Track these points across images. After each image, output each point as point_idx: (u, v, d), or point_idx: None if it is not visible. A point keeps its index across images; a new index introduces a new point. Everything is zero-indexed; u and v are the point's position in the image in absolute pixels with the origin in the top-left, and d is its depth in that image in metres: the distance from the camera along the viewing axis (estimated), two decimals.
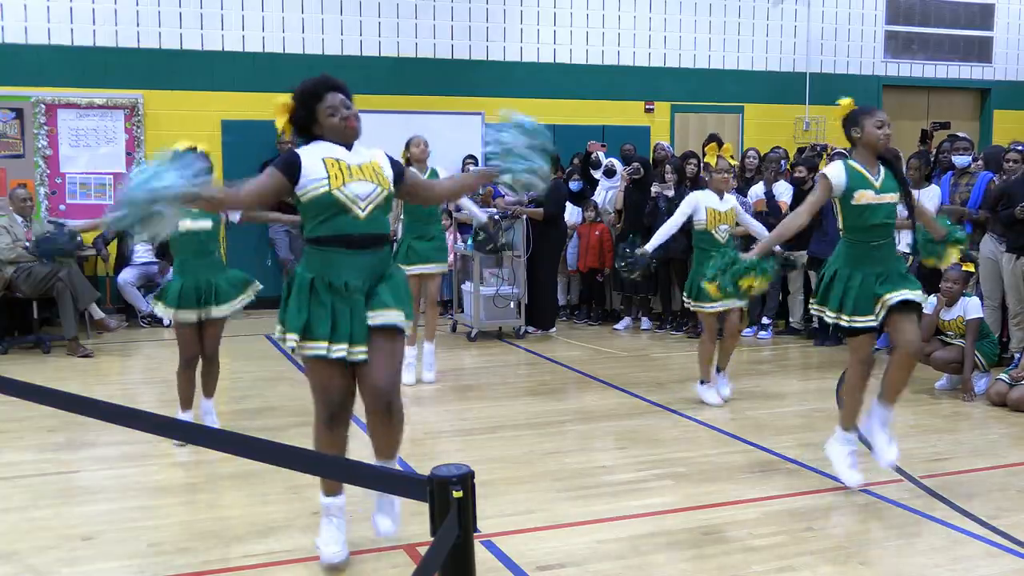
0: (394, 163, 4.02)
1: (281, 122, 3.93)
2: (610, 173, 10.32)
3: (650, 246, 6.98)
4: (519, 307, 9.63)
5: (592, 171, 10.92)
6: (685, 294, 6.96)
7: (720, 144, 7.71)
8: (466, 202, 8.72)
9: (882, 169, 4.95)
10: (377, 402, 3.88)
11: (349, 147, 3.90)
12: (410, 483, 2.28)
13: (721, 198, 6.88)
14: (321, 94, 3.88)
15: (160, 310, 5.85)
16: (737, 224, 7.02)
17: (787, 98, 13.86)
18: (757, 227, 7.21)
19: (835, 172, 4.89)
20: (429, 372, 7.63)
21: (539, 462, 5.51)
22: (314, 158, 3.79)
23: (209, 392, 6.02)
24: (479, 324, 9.51)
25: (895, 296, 4.76)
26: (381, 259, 3.91)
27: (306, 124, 3.91)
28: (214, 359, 5.97)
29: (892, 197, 4.88)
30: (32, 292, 8.81)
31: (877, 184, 4.86)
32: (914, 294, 4.81)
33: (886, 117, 5.01)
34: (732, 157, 7.37)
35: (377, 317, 3.83)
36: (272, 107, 3.92)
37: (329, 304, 3.77)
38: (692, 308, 6.91)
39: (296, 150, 3.84)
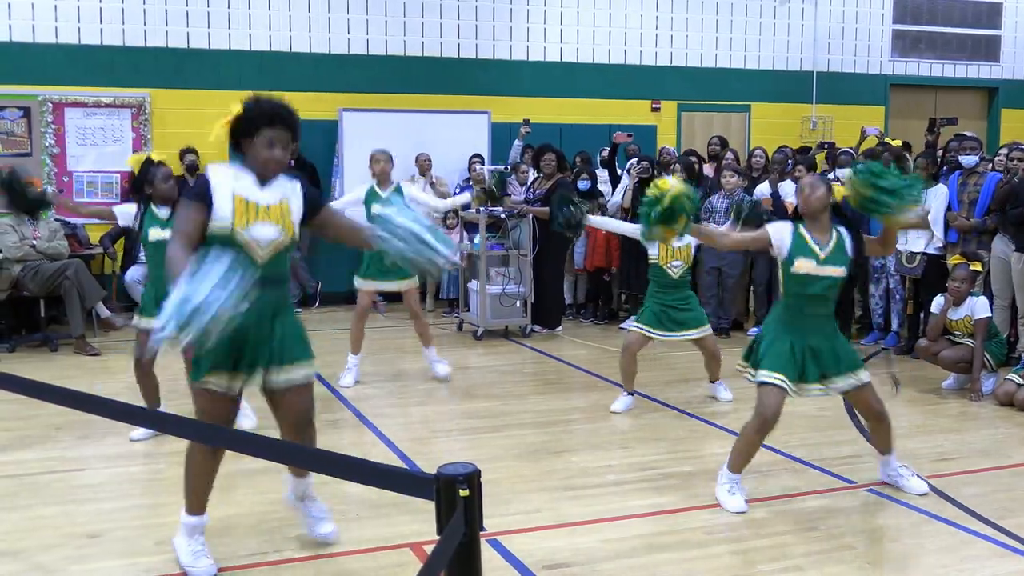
0: (309, 200, 3.90)
1: (222, 127, 3.80)
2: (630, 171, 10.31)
3: (600, 221, 6.95)
4: (525, 306, 9.62)
5: (616, 167, 10.87)
6: (635, 319, 6.90)
7: (725, 146, 7.68)
8: (430, 201, 8.24)
9: (835, 239, 4.69)
10: (298, 427, 3.93)
11: (265, 180, 3.78)
12: (417, 482, 2.28)
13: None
14: (273, 123, 3.73)
15: (144, 323, 5.84)
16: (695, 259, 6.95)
17: (794, 97, 13.83)
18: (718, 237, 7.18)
19: (777, 232, 4.72)
20: (442, 366, 7.61)
21: (545, 461, 5.51)
22: (224, 192, 3.69)
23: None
24: (485, 323, 9.51)
25: (840, 384, 4.74)
26: (278, 297, 3.83)
27: (240, 139, 3.79)
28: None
29: (836, 271, 4.65)
30: (39, 290, 8.83)
31: (821, 255, 4.65)
32: (857, 376, 4.75)
33: (814, 180, 4.75)
34: (727, 169, 7.26)
35: (284, 373, 3.83)
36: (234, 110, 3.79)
37: (228, 339, 3.41)
38: (625, 326, 6.82)
39: (208, 177, 3.73)
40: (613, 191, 10.66)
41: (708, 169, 10.70)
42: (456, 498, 2.14)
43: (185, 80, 11.18)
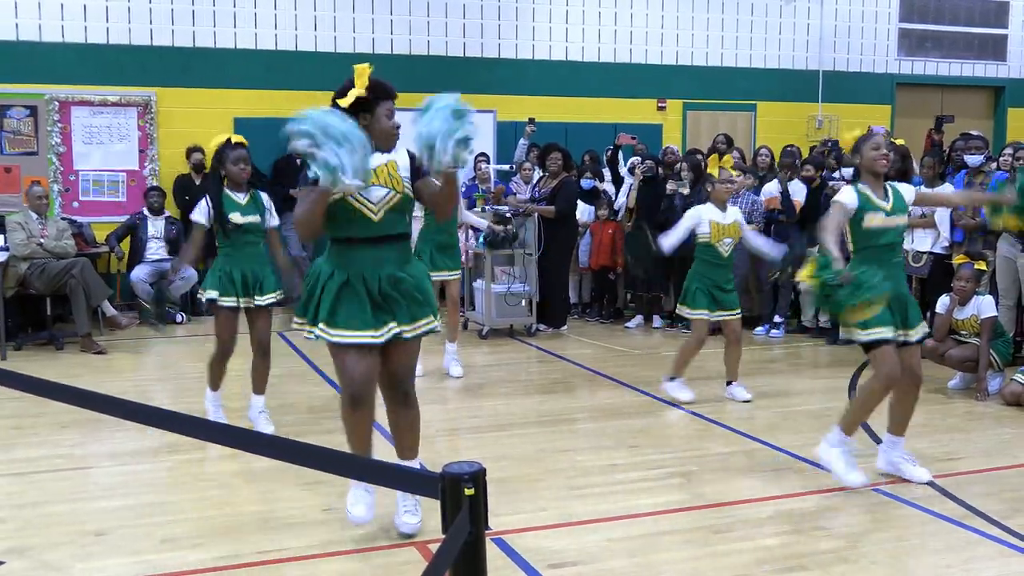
0: (414, 162, 4.10)
1: (354, 94, 3.95)
2: (633, 170, 10.30)
3: (667, 247, 6.89)
4: (531, 305, 9.63)
5: (619, 167, 10.89)
6: (680, 300, 6.95)
7: (721, 155, 7.68)
8: (467, 215, 8.77)
9: (890, 192, 5.00)
10: (394, 389, 4.20)
11: (382, 151, 4.03)
12: (422, 480, 2.28)
13: (724, 210, 6.84)
14: (390, 95, 4.03)
15: (204, 295, 5.92)
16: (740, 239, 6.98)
17: (800, 96, 13.82)
18: (759, 242, 7.21)
19: (847, 196, 4.94)
20: (457, 367, 7.71)
21: (551, 460, 5.51)
22: None
23: (260, 388, 6.08)
24: (491, 322, 9.51)
25: (914, 335, 4.95)
26: (399, 253, 4.10)
27: (358, 112, 3.95)
28: (267, 352, 6.02)
29: (902, 219, 4.98)
30: (45, 289, 8.85)
31: (887, 207, 4.93)
32: (923, 329, 5.01)
33: (882, 140, 5.00)
34: (734, 168, 7.34)
35: (412, 330, 4.10)
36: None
37: (358, 295, 3.98)
38: (685, 315, 6.91)
39: None
40: (616, 192, 10.66)
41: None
42: (461, 497, 2.14)
43: (191, 79, 11.21)
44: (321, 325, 4.01)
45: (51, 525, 4.47)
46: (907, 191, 5.08)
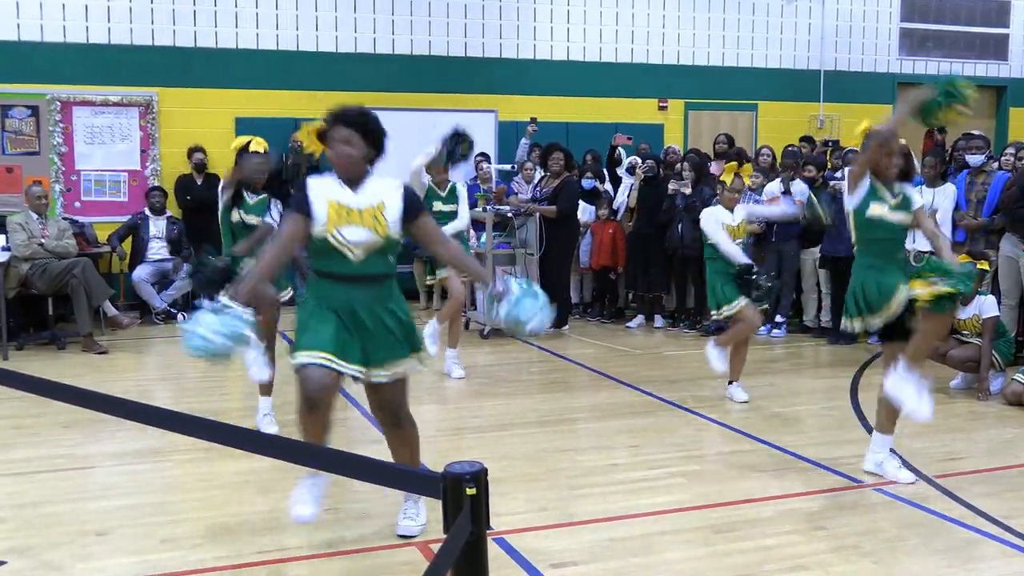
0: (409, 204, 4.02)
1: (313, 143, 4.16)
2: (633, 171, 10.29)
3: (736, 255, 6.80)
4: None
5: (616, 168, 10.89)
6: (712, 305, 6.92)
7: (741, 163, 7.66)
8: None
9: (899, 188, 5.06)
10: (386, 423, 4.26)
11: (355, 182, 3.98)
12: (423, 480, 2.28)
13: (731, 211, 6.88)
14: (334, 123, 3.95)
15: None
16: (751, 221, 7.00)
17: (801, 96, 13.81)
18: (764, 211, 7.23)
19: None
20: (458, 369, 7.70)
21: (552, 459, 5.51)
22: (320, 198, 3.92)
23: (266, 390, 6.08)
24: (492, 322, 9.49)
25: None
26: (380, 292, 4.03)
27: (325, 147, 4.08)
28: (271, 347, 6.04)
29: (903, 217, 5.01)
30: (47, 289, 8.85)
31: (892, 201, 4.98)
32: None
33: (897, 147, 5.03)
34: (750, 178, 7.36)
35: (379, 370, 4.04)
36: (291, 105, 4.17)
37: (331, 322, 3.94)
38: (726, 313, 6.83)
39: (308, 187, 3.98)
40: (615, 191, 10.66)
41: (715, 167, 10.68)
42: (463, 497, 2.14)
43: (192, 79, 11.21)
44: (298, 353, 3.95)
45: (52, 525, 4.47)
46: (916, 198, 5.11)
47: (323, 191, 3.95)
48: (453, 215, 7.75)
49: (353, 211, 3.91)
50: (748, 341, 6.92)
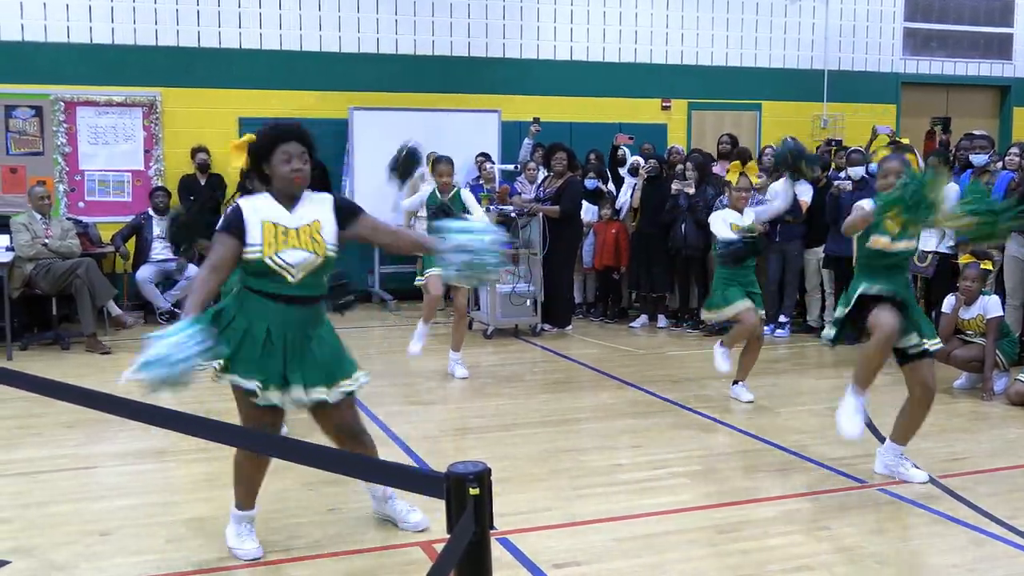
0: (343, 211, 3.97)
1: (239, 159, 3.96)
2: (635, 171, 10.28)
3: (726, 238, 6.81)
4: (535, 305, 9.62)
5: (619, 168, 10.89)
6: (711, 306, 6.92)
7: (745, 162, 7.65)
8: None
9: None
10: (343, 443, 4.06)
11: (293, 201, 3.90)
12: (427, 480, 2.28)
13: (741, 213, 6.90)
14: (284, 138, 3.86)
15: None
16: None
17: (805, 96, 13.80)
18: (767, 209, 7.22)
19: (868, 205, 4.89)
20: (461, 368, 7.72)
21: (555, 460, 5.51)
22: (255, 220, 3.82)
23: None
24: (495, 322, 9.51)
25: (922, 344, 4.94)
26: (316, 313, 3.96)
27: (261, 164, 3.91)
28: None
29: (908, 244, 4.94)
30: (51, 289, 8.86)
31: (895, 233, 4.86)
32: (931, 343, 4.98)
33: (895, 167, 4.97)
34: (758, 176, 7.34)
35: (318, 394, 3.92)
36: (245, 140, 3.98)
37: (264, 347, 3.82)
38: (728, 315, 6.84)
39: (240, 206, 3.87)
40: (617, 191, 10.65)
41: (719, 168, 10.69)
42: (466, 497, 2.14)
43: (196, 79, 11.22)
44: (219, 363, 3.81)
45: (56, 525, 4.47)
46: None
47: (257, 212, 3.85)
48: None
49: (291, 232, 3.83)
50: (760, 343, 6.88)
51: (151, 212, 10.52)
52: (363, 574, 3.97)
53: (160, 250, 10.40)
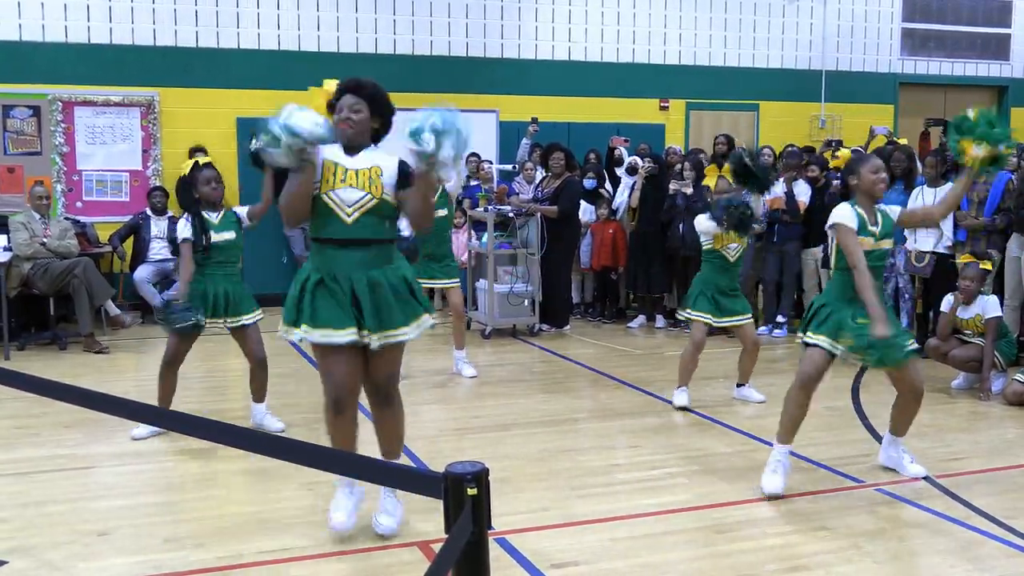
0: (406, 172, 4.07)
1: (321, 108, 4.20)
2: (632, 171, 10.28)
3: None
4: (533, 305, 9.63)
5: (615, 168, 10.89)
6: (682, 304, 6.95)
7: (720, 164, 7.65)
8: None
9: (879, 215, 4.96)
10: (377, 393, 4.20)
11: (356, 149, 4.08)
12: (425, 480, 2.28)
13: None
14: (343, 92, 4.12)
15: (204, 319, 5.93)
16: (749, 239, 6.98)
17: (803, 96, 13.80)
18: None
19: (847, 217, 4.84)
20: (469, 368, 7.77)
21: (553, 460, 5.51)
22: (322, 156, 4.02)
23: (260, 397, 6.13)
24: (493, 322, 9.51)
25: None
26: (375, 256, 4.06)
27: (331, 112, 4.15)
28: (264, 365, 6.05)
29: (888, 243, 5.00)
30: (48, 289, 8.85)
31: (876, 231, 4.90)
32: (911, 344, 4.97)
33: (881, 163, 4.99)
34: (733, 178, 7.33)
35: (382, 339, 4.05)
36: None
37: (334, 295, 4.00)
38: (685, 315, 6.91)
39: (319, 148, 4.03)
40: (614, 192, 10.65)
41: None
42: (464, 497, 2.14)
43: (194, 79, 11.21)
44: (304, 326, 4.03)
45: (54, 525, 4.47)
46: (893, 213, 5.06)
47: (325, 152, 4.03)
48: (444, 219, 7.60)
49: (349, 172, 4.00)
50: (756, 346, 6.87)
51: (149, 212, 10.52)
52: (362, 574, 3.98)
53: (158, 250, 10.39)
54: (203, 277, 5.93)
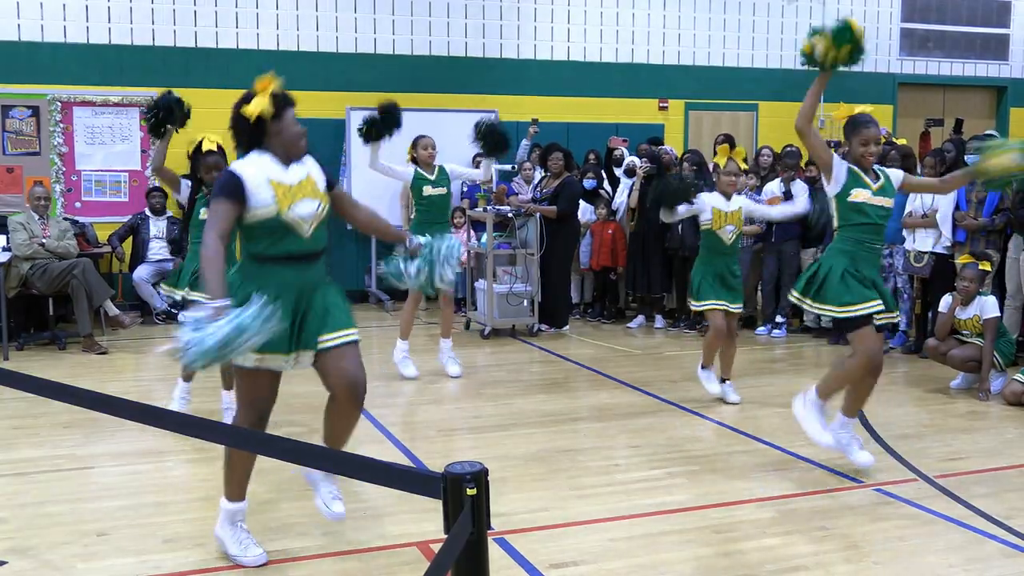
0: (328, 176, 4.07)
1: (257, 109, 3.98)
2: (630, 173, 10.28)
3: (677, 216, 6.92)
4: (532, 305, 9.63)
5: (614, 169, 10.89)
6: (690, 297, 6.92)
7: (732, 146, 7.68)
8: (468, 172, 8.61)
9: (880, 174, 5.14)
10: (351, 392, 3.97)
11: (289, 163, 3.93)
12: (424, 480, 2.28)
13: (728, 199, 6.83)
14: (292, 103, 4.04)
15: (167, 290, 6.04)
16: (752, 222, 6.99)
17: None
18: (767, 211, 7.29)
19: (838, 163, 5.14)
20: (454, 366, 7.71)
21: (553, 460, 5.51)
22: (260, 179, 3.81)
23: (229, 385, 6.14)
24: (492, 322, 9.51)
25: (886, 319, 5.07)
26: (318, 272, 3.98)
27: (264, 127, 3.94)
28: None
29: (887, 201, 5.08)
30: (47, 289, 8.85)
31: (874, 186, 5.04)
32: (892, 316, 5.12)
33: (874, 135, 5.07)
34: (744, 161, 7.35)
35: (338, 338, 3.95)
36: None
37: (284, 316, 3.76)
38: (695, 308, 6.90)
39: (233, 171, 3.83)
40: (613, 193, 10.65)
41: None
42: (463, 497, 2.14)
43: (193, 79, 11.18)
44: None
45: (53, 525, 4.47)
46: (895, 176, 5.21)
47: (260, 171, 3.83)
48: (445, 197, 7.64)
49: (295, 187, 3.87)
50: (734, 337, 6.86)
51: (148, 212, 10.52)
52: (361, 574, 3.97)
53: (157, 250, 10.41)
54: (195, 256, 5.93)
